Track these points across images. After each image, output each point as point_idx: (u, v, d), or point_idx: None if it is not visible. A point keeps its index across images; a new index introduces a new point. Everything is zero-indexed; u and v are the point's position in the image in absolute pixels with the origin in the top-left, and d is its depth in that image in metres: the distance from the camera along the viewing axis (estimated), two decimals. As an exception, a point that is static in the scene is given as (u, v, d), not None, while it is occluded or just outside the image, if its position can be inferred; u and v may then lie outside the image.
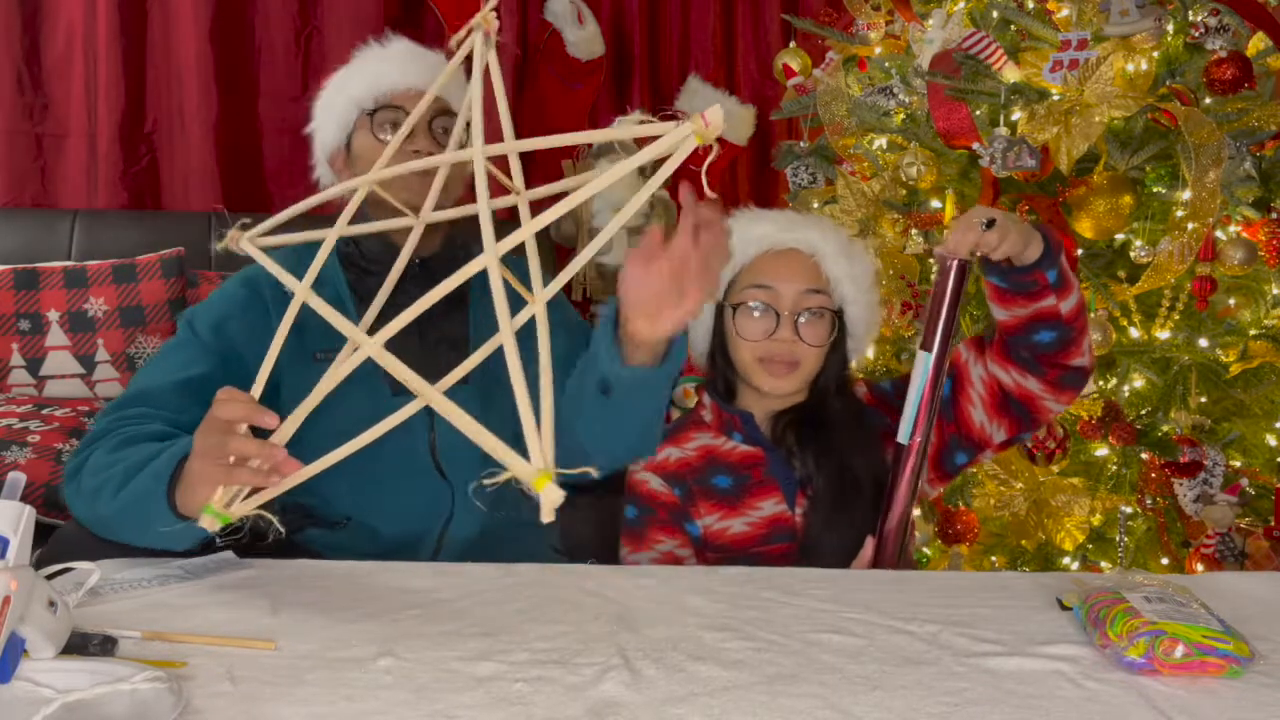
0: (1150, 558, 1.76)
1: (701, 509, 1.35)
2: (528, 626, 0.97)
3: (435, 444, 1.39)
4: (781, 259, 1.36)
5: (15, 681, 0.80)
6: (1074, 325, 1.26)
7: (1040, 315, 1.25)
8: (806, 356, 1.34)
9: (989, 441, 1.35)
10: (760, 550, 1.33)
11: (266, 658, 0.89)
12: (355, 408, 1.37)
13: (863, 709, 0.82)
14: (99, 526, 1.19)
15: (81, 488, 1.20)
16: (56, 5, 2.76)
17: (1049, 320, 1.25)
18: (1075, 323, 1.26)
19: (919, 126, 1.90)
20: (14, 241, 2.55)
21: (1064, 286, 1.23)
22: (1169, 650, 0.88)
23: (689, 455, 1.39)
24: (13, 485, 0.84)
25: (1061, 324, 1.25)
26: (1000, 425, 1.33)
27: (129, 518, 1.14)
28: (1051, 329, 1.25)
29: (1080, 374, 1.30)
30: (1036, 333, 1.26)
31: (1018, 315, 1.25)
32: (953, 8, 1.91)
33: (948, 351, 1.24)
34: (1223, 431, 1.73)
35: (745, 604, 1.03)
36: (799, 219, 1.42)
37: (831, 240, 1.37)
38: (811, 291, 1.35)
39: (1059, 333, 1.25)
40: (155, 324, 2.42)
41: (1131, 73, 1.66)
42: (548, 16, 2.99)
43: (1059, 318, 1.24)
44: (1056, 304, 1.23)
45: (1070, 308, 1.25)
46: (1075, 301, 1.25)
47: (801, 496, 1.34)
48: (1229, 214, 1.70)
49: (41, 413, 2.18)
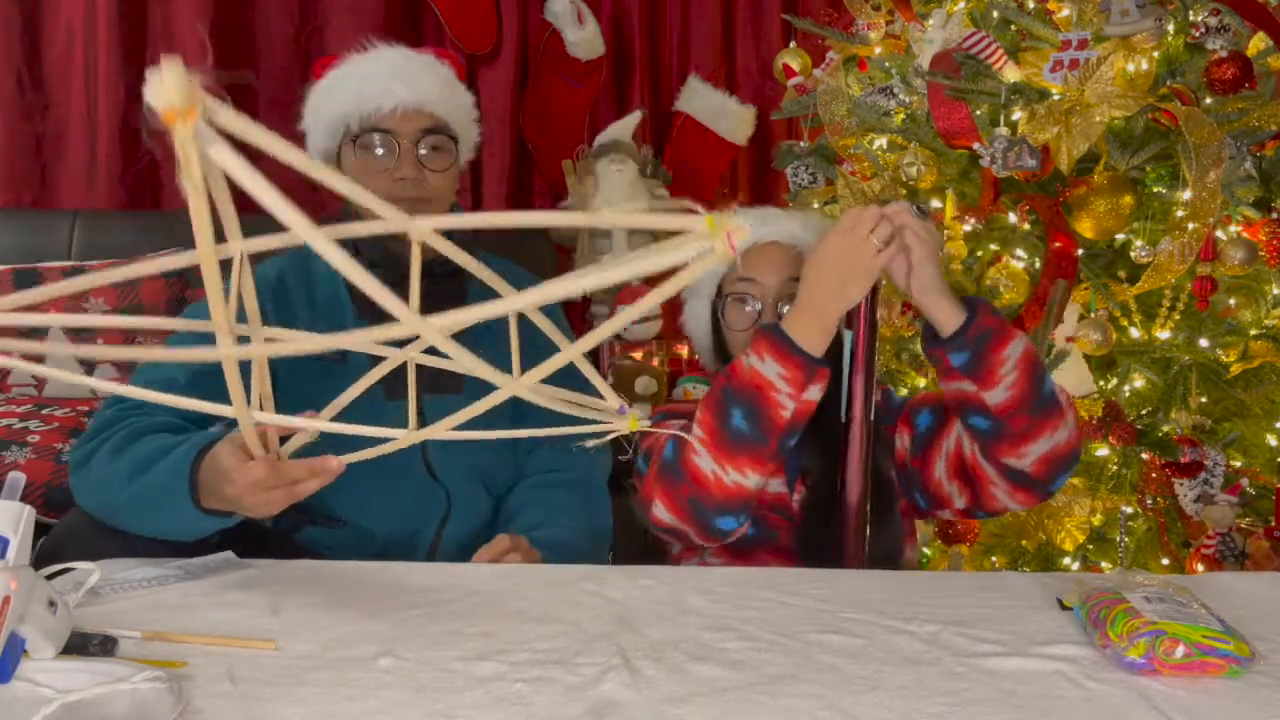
0: (1150, 558, 1.76)
1: None
2: (528, 626, 0.97)
3: (428, 451, 1.39)
4: (763, 252, 1.39)
5: (15, 681, 0.80)
6: (1008, 423, 1.20)
7: (962, 399, 1.22)
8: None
9: (948, 501, 1.34)
10: (763, 513, 1.35)
11: (266, 658, 0.89)
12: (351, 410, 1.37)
13: (863, 709, 0.82)
14: (107, 515, 1.20)
15: (90, 477, 1.20)
16: (56, 5, 2.76)
17: (974, 406, 1.21)
18: (1011, 421, 1.19)
19: (919, 126, 1.89)
20: (14, 241, 2.55)
21: (983, 377, 1.18)
22: (1169, 650, 0.88)
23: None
24: (13, 485, 0.84)
25: (991, 416, 1.21)
26: (960, 492, 1.31)
27: (141, 507, 1.15)
28: (982, 417, 1.22)
29: (1030, 481, 1.24)
30: (968, 414, 1.24)
31: (945, 389, 1.24)
32: (953, 8, 1.91)
33: (871, 324, 1.24)
34: (1223, 431, 1.73)
35: (745, 604, 1.03)
36: (780, 213, 1.46)
37: (813, 230, 1.40)
38: (793, 280, 1.37)
39: (990, 424, 1.21)
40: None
41: (1132, 73, 1.66)
42: (548, 16, 2.99)
43: (985, 409, 1.20)
44: (977, 392, 1.19)
45: (1000, 402, 1.19)
46: (1008, 399, 1.19)
47: (801, 483, 1.37)
48: (1229, 214, 1.70)
49: (41, 413, 2.18)
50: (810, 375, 1.19)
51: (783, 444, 1.21)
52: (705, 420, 1.22)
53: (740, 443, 1.20)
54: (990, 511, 1.32)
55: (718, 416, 1.21)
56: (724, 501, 1.21)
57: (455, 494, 1.41)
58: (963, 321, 1.19)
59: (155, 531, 1.16)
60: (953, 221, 1.81)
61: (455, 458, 1.40)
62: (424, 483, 1.40)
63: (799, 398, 1.20)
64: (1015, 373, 1.19)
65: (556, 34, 2.98)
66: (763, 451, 1.20)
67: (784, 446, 1.22)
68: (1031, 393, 1.19)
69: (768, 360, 1.20)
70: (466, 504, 1.41)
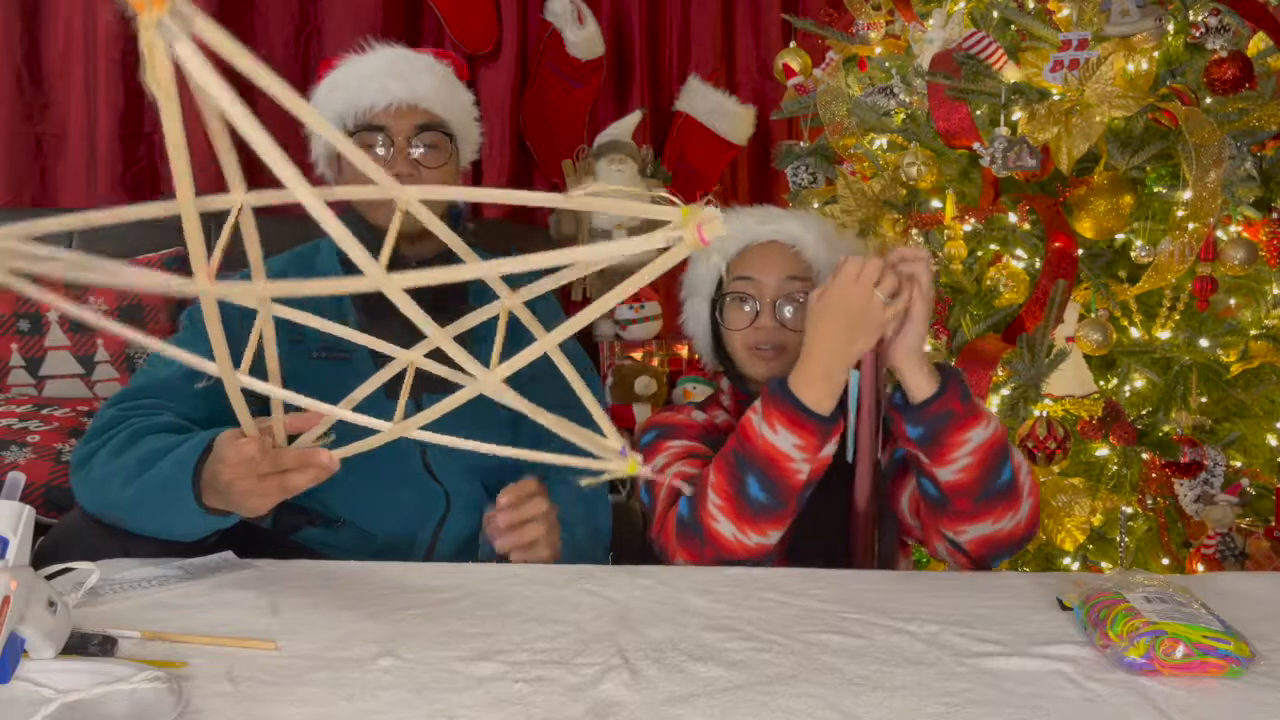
0: (1150, 558, 1.76)
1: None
2: (528, 626, 0.97)
3: (427, 450, 1.39)
4: (762, 251, 1.39)
5: (15, 681, 0.80)
6: (952, 501, 1.19)
7: (916, 462, 1.22)
8: (791, 342, 1.36)
9: (912, 532, 1.35)
10: None
11: (266, 658, 0.89)
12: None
13: (863, 709, 0.82)
14: (107, 514, 1.20)
15: (91, 476, 1.20)
16: (56, 5, 2.76)
17: (924, 472, 1.21)
18: (955, 500, 1.19)
19: (919, 126, 1.89)
20: (14, 241, 2.55)
21: (935, 455, 1.18)
22: (1169, 650, 0.88)
23: (717, 422, 1.44)
24: (13, 485, 0.84)
25: (940, 489, 1.20)
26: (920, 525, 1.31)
27: (142, 505, 1.15)
28: (931, 484, 1.21)
29: (965, 554, 1.24)
30: (919, 475, 1.23)
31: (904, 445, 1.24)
32: (953, 8, 1.91)
33: (877, 364, 1.23)
34: (1223, 431, 1.73)
35: (745, 604, 1.03)
36: (779, 212, 1.46)
37: (813, 229, 1.40)
38: (792, 279, 1.37)
39: (936, 495, 1.21)
40: (155, 324, 2.43)
41: (1132, 73, 1.66)
42: (548, 16, 2.99)
43: (936, 481, 1.19)
44: (929, 465, 1.19)
45: (948, 480, 1.18)
46: (956, 481, 1.17)
47: None
48: (1230, 214, 1.70)
49: (41, 413, 2.18)
50: (825, 437, 1.18)
51: (801, 499, 1.21)
52: (720, 485, 1.21)
53: (760, 511, 1.19)
54: (935, 557, 1.31)
55: (733, 484, 1.20)
56: (749, 557, 1.21)
57: (454, 493, 1.41)
58: (929, 396, 1.17)
59: (155, 530, 1.16)
60: (953, 221, 1.80)
61: (454, 457, 1.40)
62: (422, 482, 1.40)
63: (815, 459, 1.19)
64: (970, 459, 1.17)
65: (556, 34, 2.98)
66: (784, 514, 1.20)
67: (803, 499, 1.21)
68: (982, 481, 1.18)
69: (781, 431, 1.18)
70: (465, 503, 1.41)
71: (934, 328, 1.86)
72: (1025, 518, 1.21)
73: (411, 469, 1.39)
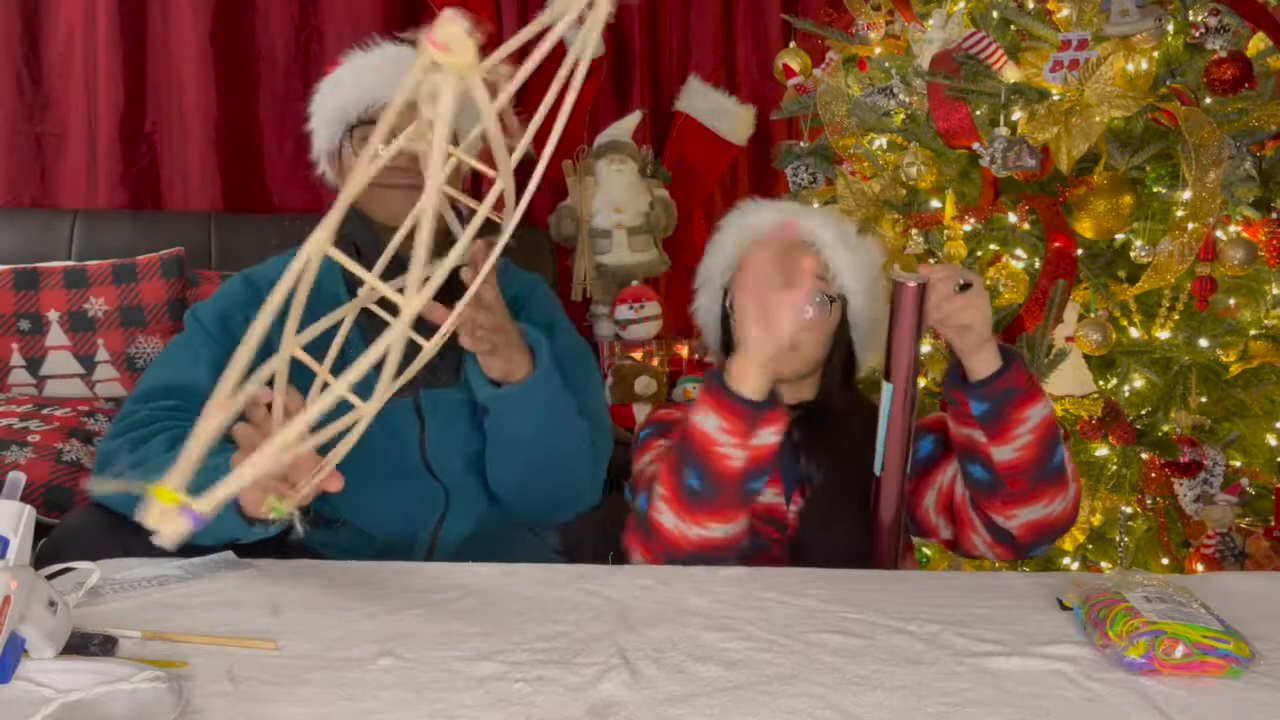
0: (1150, 558, 1.76)
1: None
2: (528, 626, 0.97)
3: (425, 446, 1.39)
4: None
5: (15, 681, 0.80)
6: (1007, 483, 1.18)
7: (969, 445, 1.20)
8: (800, 339, 1.34)
9: (934, 532, 1.33)
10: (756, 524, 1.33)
11: (267, 658, 0.89)
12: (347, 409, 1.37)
13: (863, 709, 0.82)
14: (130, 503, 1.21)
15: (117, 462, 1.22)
16: (56, 5, 2.76)
17: (979, 456, 1.20)
18: (1010, 482, 1.18)
19: (919, 126, 1.89)
20: (14, 241, 2.55)
21: (997, 432, 1.17)
22: (1169, 650, 0.88)
23: None
24: (13, 485, 0.84)
25: (992, 471, 1.19)
26: (946, 526, 1.31)
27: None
28: (982, 468, 1.20)
29: (1012, 541, 1.23)
30: (969, 461, 1.22)
31: (954, 430, 1.23)
32: (953, 8, 1.91)
33: (913, 378, 1.20)
34: (1223, 431, 1.73)
35: (745, 604, 1.03)
36: (799, 209, 1.45)
37: (832, 230, 1.38)
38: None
39: (989, 478, 1.20)
40: (155, 324, 2.42)
41: (1131, 73, 1.66)
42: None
43: (989, 461, 1.19)
44: (985, 443, 1.18)
45: (1005, 461, 1.17)
46: (1014, 459, 1.17)
47: (799, 494, 1.35)
48: (1229, 214, 1.70)
49: (41, 413, 2.18)
50: (754, 422, 1.15)
51: (743, 491, 1.18)
52: (665, 476, 1.20)
53: (696, 500, 1.17)
54: (966, 554, 1.31)
55: (675, 474, 1.19)
56: (694, 553, 1.19)
57: (453, 490, 1.41)
58: (994, 371, 1.16)
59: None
60: (952, 221, 1.81)
61: (453, 452, 1.40)
62: (421, 479, 1.40)
63: (747, 445, 1.16)
64: (1029, 436, 1.17)
65: (556, 34, 2.97)
66: (721, 504, 1.18)
67: (746, 492, 1.19)
68: (1039, 461, 1.18)
69: (709, 415, 1.16)
70: (465, 500, 1.41)
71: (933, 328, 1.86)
72: (1071, 501, 1.22)
73: (410, 465, 1.39)
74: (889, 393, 1.21)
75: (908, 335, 1.19)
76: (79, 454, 2.08)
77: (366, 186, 1.28)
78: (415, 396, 1.39)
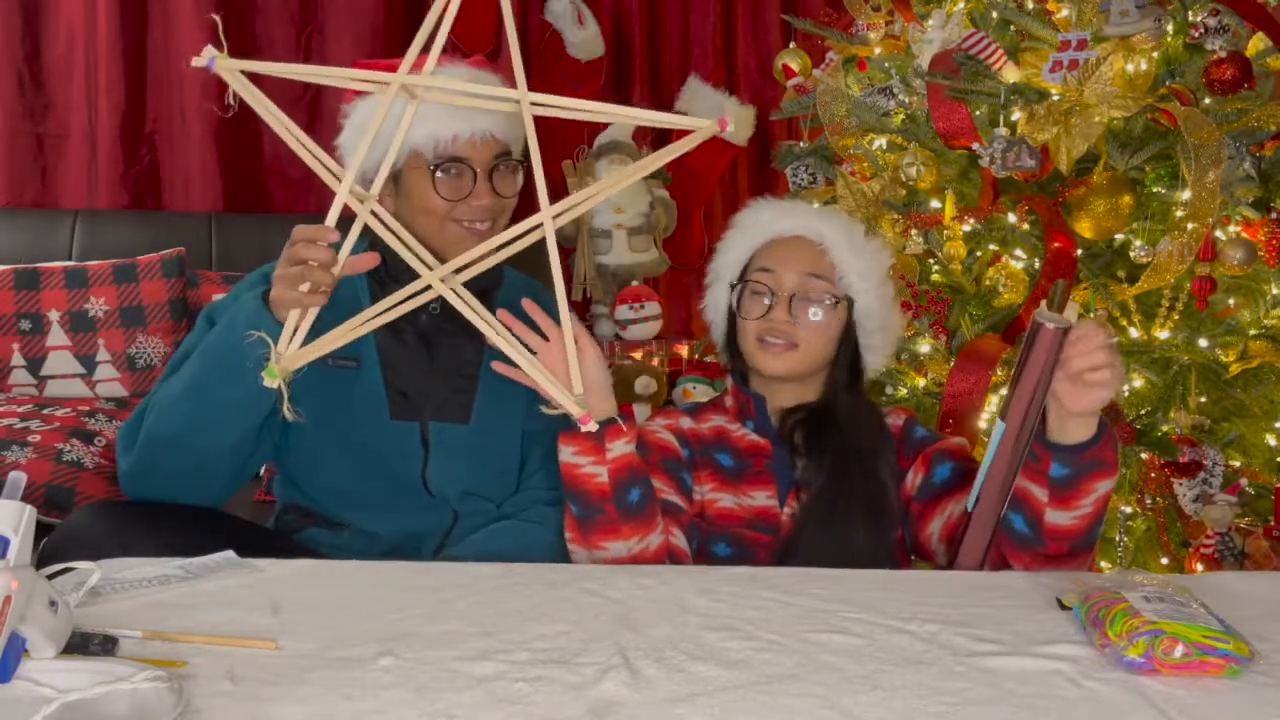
0: (1150, 558, 1.76)
1: (701, 475, 1.38)
2: (528, 626, 0.97)
3: (427, 472, 1.39)
4: (786, 244, 1.39)
5: (15, 681, 0.80)
6: (1047, 544, 1.17)
7: (1023, 498, 1.17)
8: (806, 339, 1.34)
9: (931, 556, 1.33)
10: (742, 532, 1.34)
11: (267, 657, 0.89)
12: (357, 426, 1.39)
13: (863, 709, 0.82)
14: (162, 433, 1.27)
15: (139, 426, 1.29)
16: (56, 5, 2.76)
17: (1030, 512, 1.17)
18: (1050, 544, 1.17)
19: (919, 126, 1.90)
20: (14, 241, 2.55)
21: (1065, 498, 1.14)
22: (1168, 650, 0.88)
23: (702, 430, 1.42)
24: (13, 485, 0.84)
25: (1039, 530, 1.17)
26: (945, 554, 1.30)
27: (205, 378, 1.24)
28: (1027, 524, 1.18)
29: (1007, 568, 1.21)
30: (1014, 510, 1.19)
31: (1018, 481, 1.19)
32: (953, 8, 1.91)
33: (1029, 422, 1.13)
34: (1222, 431, 1.73)
35: (745, 604, 1.04)
36: (807, 208, 1.45)
37: (840, 230, 1.38)
38: (813, 276, 1.36)
39: (1030, 535, 1.18)
40: (156, 324, 2.42)
41: (1131, 73, 1.66)
42: (548, 17, 2.99)
43: (1038, 521, 1.17)
44: (1045, 504, 1.16)
45: (1058, 525, 1.16)
46: (1067, 528, 1.16)
47: (793, 497, 1.35)
48: (1229, 214, 1.70)
49: (42, 413, 2.18)
50: (600, 439, 1.20)
51: (621, 502, 1.22)
52: (567, 520, 1.26)
53: (584, 525, 1.24)
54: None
55: (567, 510, 1.25)
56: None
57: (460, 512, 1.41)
58: (1088, 439, 1.14)
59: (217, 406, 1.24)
60: (952, 222, 1.81)
61: (451, 479, 1.40)
62: (423, 499, 1.40)
63: (605, 460, 1.21)
64: (1090, 508, 1.16)
65: (556, 34, 2.98)
66: (606, 521, 1.23)
67: (625, 503, 1.22)
68: (1088, 531, 1.17)
69: (565, 447, 1.22)
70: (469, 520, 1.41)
71: (933, 328, 1.86)
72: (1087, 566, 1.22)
73: (410, 486, 1.39)
74: (1000, 431, 1.15)
75: (1035, 378, 1.12)
76: (79, 454, 2.08)
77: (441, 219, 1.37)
78: (423, 426, 1.39)
